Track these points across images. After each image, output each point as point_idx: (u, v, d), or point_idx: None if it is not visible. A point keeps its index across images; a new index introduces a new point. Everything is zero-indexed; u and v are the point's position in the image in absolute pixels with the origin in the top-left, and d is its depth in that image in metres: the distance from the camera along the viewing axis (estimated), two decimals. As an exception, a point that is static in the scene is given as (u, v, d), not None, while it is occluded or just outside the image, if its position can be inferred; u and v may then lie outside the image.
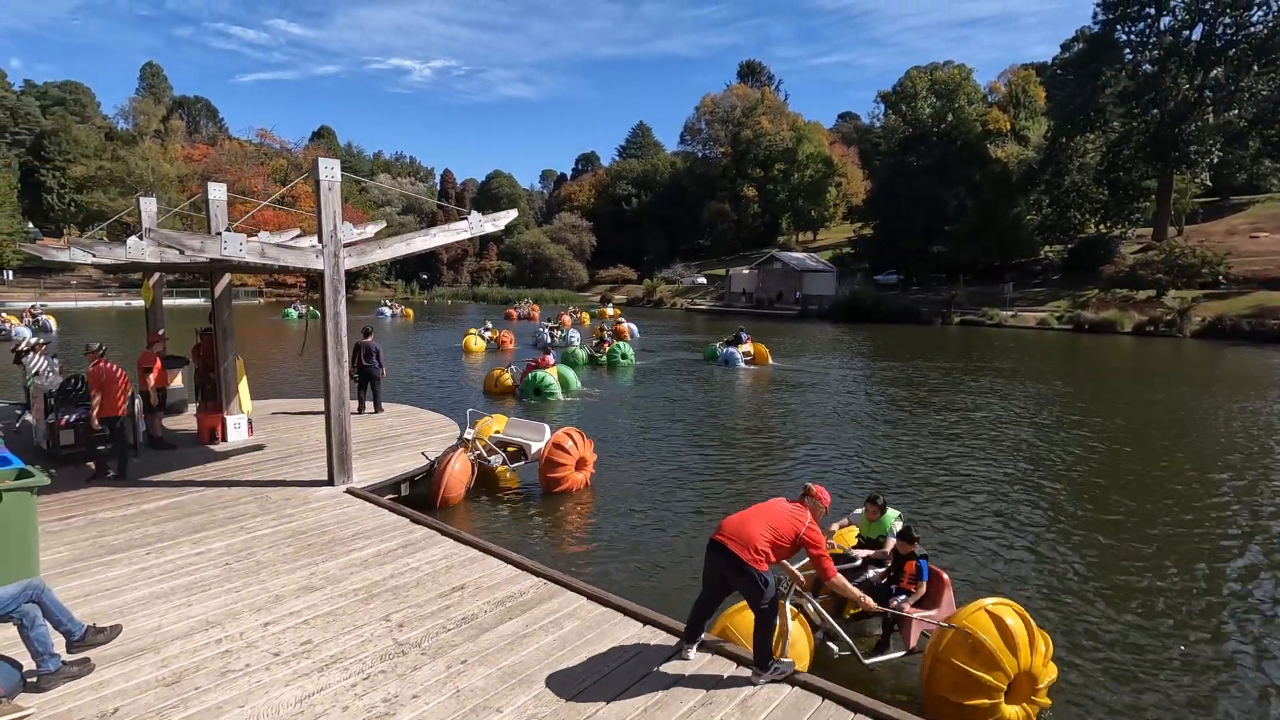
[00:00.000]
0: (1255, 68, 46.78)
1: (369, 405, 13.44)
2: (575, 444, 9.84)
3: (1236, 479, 11.12)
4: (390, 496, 8.58)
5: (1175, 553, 8.15)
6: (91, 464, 8.92)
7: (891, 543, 6.06)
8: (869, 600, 5.06)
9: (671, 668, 4.69)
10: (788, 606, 4.84)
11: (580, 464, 9.96)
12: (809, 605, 5.28)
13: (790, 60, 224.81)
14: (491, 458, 9.99)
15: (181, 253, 7.43)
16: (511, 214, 10.04)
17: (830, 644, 5.43)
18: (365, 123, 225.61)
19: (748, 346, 25.05)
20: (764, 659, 4.59)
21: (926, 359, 27.34)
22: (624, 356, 23.58)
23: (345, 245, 8.71)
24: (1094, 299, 44.23)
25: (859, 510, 6.68)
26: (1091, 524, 9.06)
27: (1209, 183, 53.51)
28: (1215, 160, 49.10)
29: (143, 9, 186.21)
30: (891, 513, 6.44)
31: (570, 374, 18.54)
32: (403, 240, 8.95)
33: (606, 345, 25.13)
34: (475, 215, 9.32)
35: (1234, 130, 48.41)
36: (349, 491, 8.27)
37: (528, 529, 8.79)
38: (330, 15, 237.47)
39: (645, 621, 5.29)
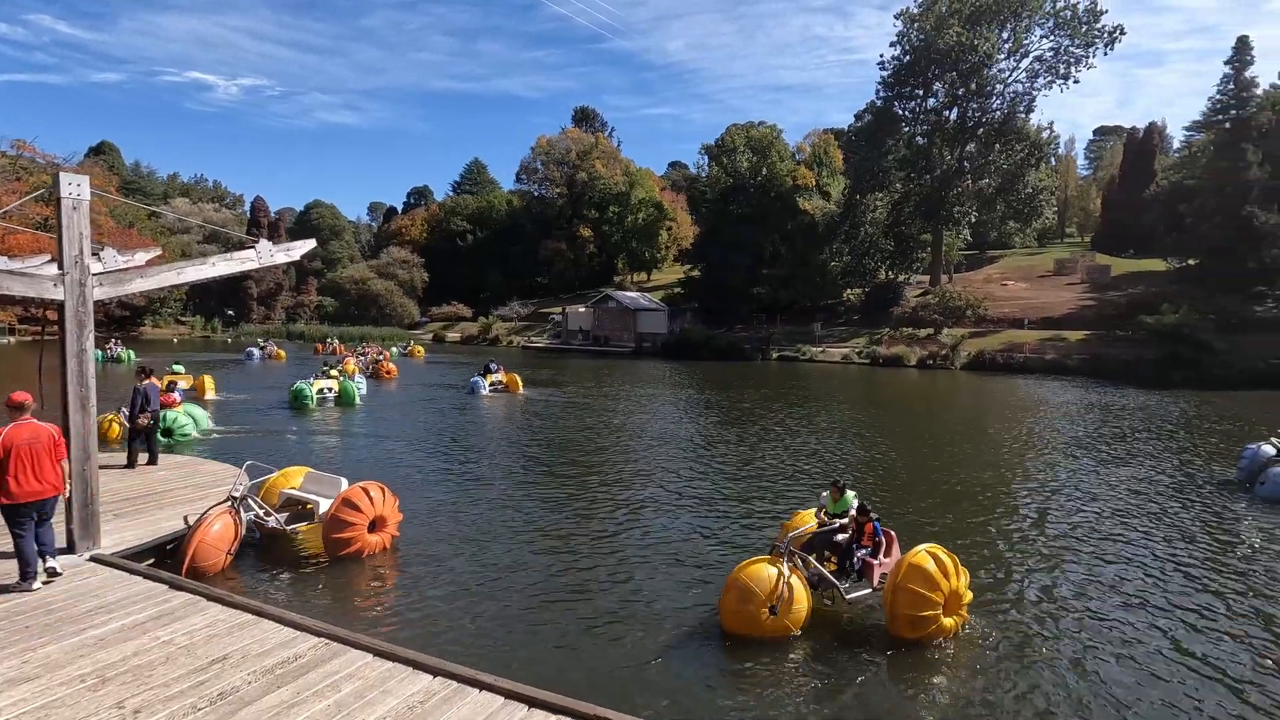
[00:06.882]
0: (998, 145, 56.56)
1: (142, 457, 11.75)
2: (371, 501, 8.58)
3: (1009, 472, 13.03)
4: (150, 562, 7.46)
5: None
6: None
7: (853, 514, 7.65)
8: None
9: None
10: (785, 563, 6.71)
11: (378, 524, 8.72)
12: (800, 560, 7.01)
13: (623, 109, 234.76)
14: (268, 519, 8.68)
15: None
16: (309, 244, 9.39)
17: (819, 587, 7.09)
18: (158, 141, 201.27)
19: (499, 376, 26.89)
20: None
21: (729, 389, 29.24)
22: (299, 395, 21.68)
23: (99, 274, 7.65)
24: (886, 337, 50.08)
25: (825, 493, 8.23)
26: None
27: (970, 238, 63.19)
28: (973, 220, 58.34)
29: None
30: (850, 493, 7.95)
31: (199, 413, 17.68)
32: (172, 269, 8.01)
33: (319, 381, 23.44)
34: (265, 244, 8.59)
35: (985, 196, 57.88)
36: (94, 559, 7.07)
37: (317, 587, 7.95)
38: (112, 17, 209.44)
39: (435, 673, 4.99)
